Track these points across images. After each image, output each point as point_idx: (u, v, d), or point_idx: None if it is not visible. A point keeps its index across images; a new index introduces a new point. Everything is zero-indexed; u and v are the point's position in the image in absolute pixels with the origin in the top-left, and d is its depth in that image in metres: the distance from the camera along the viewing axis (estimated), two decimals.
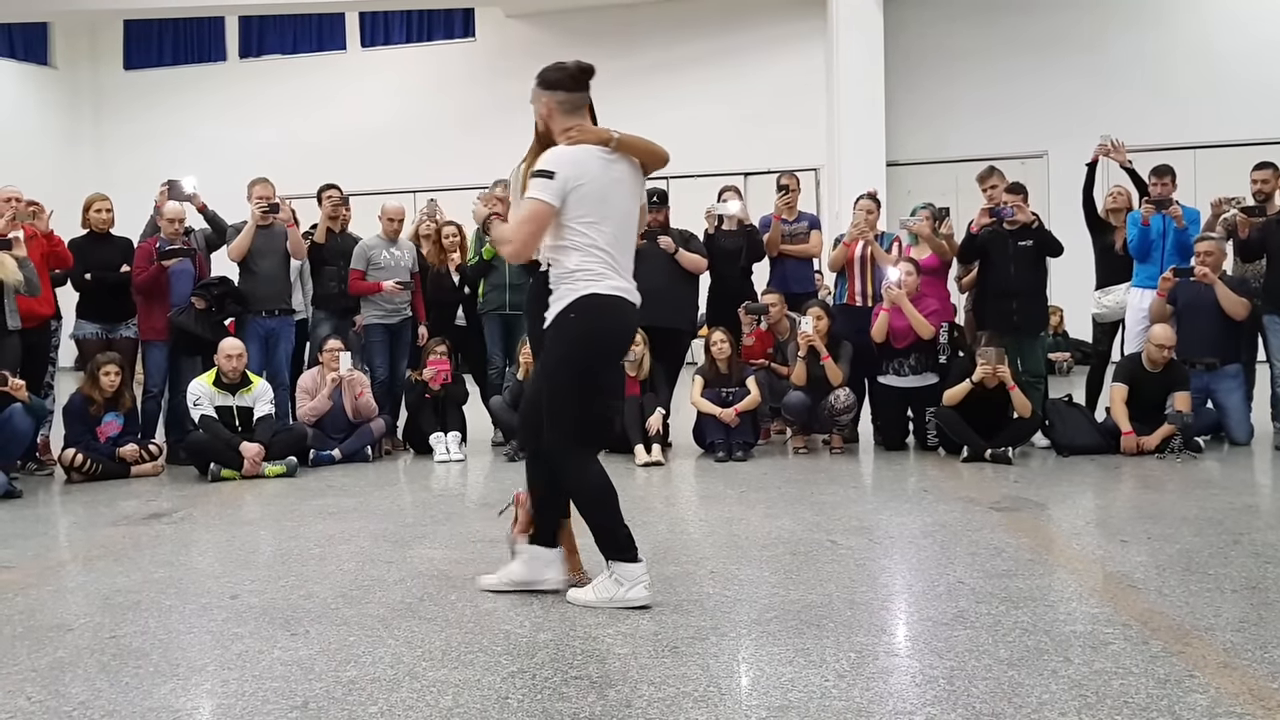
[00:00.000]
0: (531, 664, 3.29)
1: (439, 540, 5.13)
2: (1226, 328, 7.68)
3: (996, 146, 14.95)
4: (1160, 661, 3.20)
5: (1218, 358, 7.70)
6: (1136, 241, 7.96)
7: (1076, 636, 3.45)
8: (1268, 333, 7.62)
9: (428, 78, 18.50)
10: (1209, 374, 7.72)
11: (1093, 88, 15.43)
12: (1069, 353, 13.87)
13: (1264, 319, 7.62)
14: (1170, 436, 7.19)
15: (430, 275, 8.57)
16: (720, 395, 7.68)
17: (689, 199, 14.87)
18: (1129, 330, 8.11)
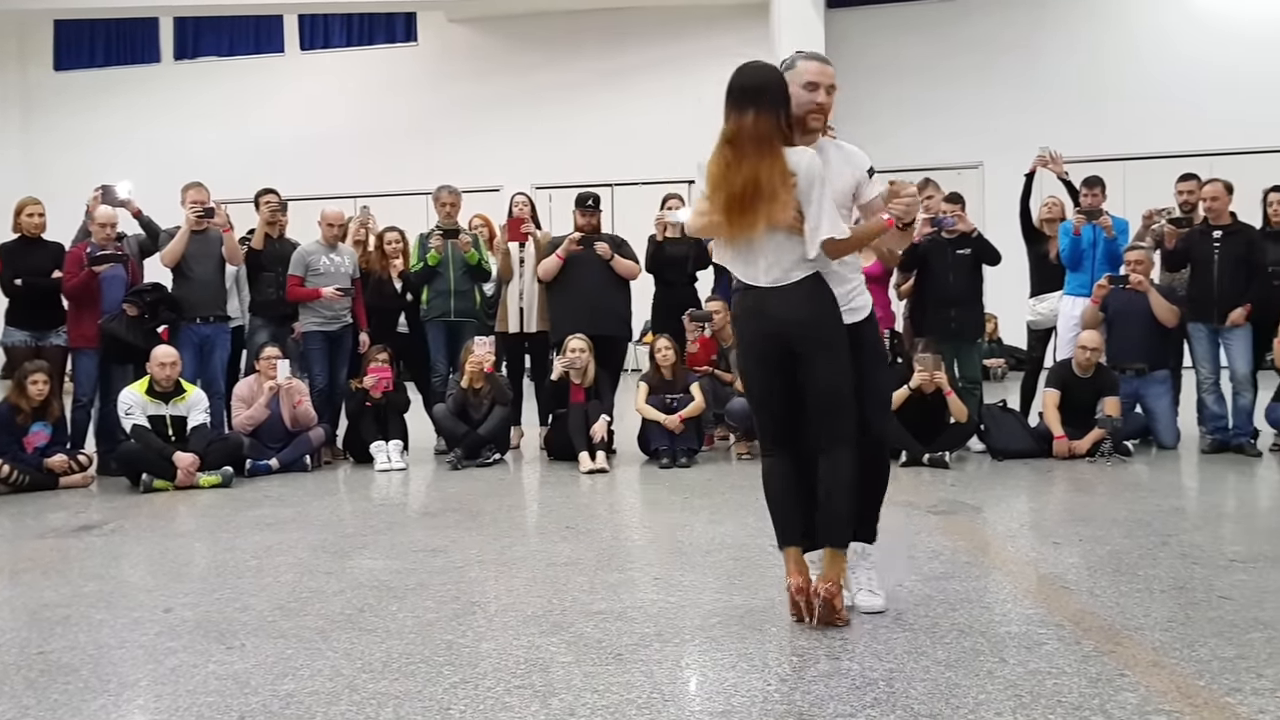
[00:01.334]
0: (474, 674, 3.29)
1: (380, 550, 5.09)
2: (1155, 335, 7.85)
3: (934, 157, 15.13)
4: (1092, 661, 3.27)
5: (1147, 364, 7.86)
6: (1068, 251, 8.14)
7: (1011, 637, 3.51)
8: (1193, 340, 7.79)
9: (368, 82, 18.35)
10: (1138, 379, 7.88)
11: (1027, 101, 15.66)
12: (1004, 359, 14.06)
13: (1189, 327, 7.79)
14: (1101, 440, 7.34)
15: (371, 281, 8.51)
16: (665, 402, 7.71)
17: (632, 206, 15.00)
18: (1061, 337, 8.26)
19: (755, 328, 3.76)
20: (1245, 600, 3.91)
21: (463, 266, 8.39)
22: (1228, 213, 7.67)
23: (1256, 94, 15.10)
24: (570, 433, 7.56)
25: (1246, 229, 7.68)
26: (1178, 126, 15.15)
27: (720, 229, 3.71)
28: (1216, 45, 15.51)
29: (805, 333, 3.66)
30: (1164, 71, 15.61)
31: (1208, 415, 7.75)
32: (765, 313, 3.71)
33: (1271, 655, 3.29)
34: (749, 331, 3.81)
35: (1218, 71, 15.38)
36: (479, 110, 17.57)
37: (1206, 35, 15.61)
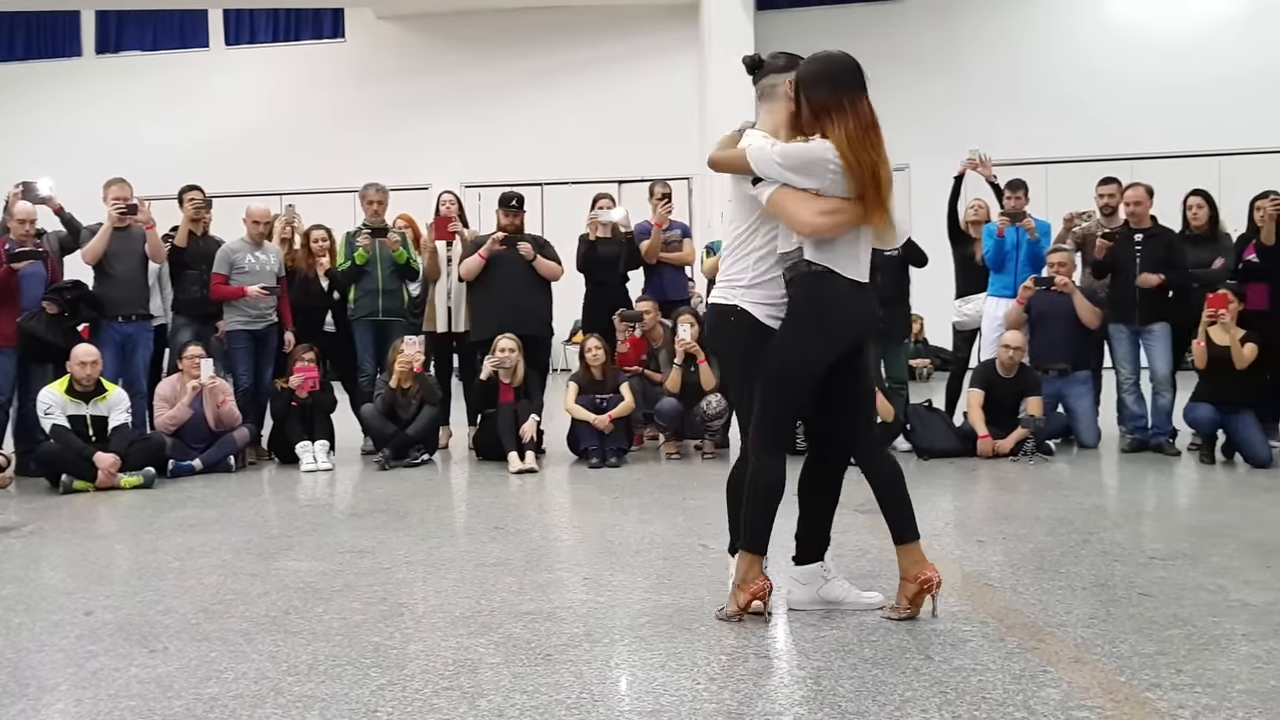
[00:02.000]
0: (401, 676, 3.26)
1: (305, 552, 5.04)
2: (1078, 335, 8.00)
3: None
4: (1016, 658, 3.32)
5: (1069, 364, 8.01)
6: (992, 252, 8.26)
7: (937, 635, 3.55)
8: (1114, 341, 7.95)
9: (295, 78, 18.13)
10: (1060, 380, 8.02)
11: (951, 105, 15.88)
12: (929, 359, 14.25)
13: (1110, 328, 7.94)
14: (1024, 440, 7.46)
15: (297, 280, 8.41)
16: (595, 402, 7.71)
17: (562, 205, 14.98)
18: (985, 337, 8.38)
19: (851, 322, 3.69)
20: (1165, 597, 3.99)
21: (390, 265, 8.33)
22: (1148, 216, 7.83)
23: (1170, 101, 15.48)
24: (499, 433, 7.53)
25: (1166, 232, 7.84)
26: (1097, 131, 15.46)
27: (858, 220, 3.61)
28: (1131, 55, 15.89)
29: (876, 332, 3.70)
30: (1082, 78, 15.93)
31: (1128, 415, 7.91)
32: (866, 308, 3.73)
33: (1190, 651, 3.36)
34: (842, 325, 3.67)
35: (1133, 79, 15.73)
36: (407, 108, 17.45)
37: (1121, 45, 15.99)
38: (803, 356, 3.62)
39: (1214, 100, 15.40)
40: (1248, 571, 4.35)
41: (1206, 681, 3.09)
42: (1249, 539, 4.95)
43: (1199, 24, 15.85)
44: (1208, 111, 15.37)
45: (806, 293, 3.62)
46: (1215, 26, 15.79)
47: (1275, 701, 2.93)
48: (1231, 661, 3.26)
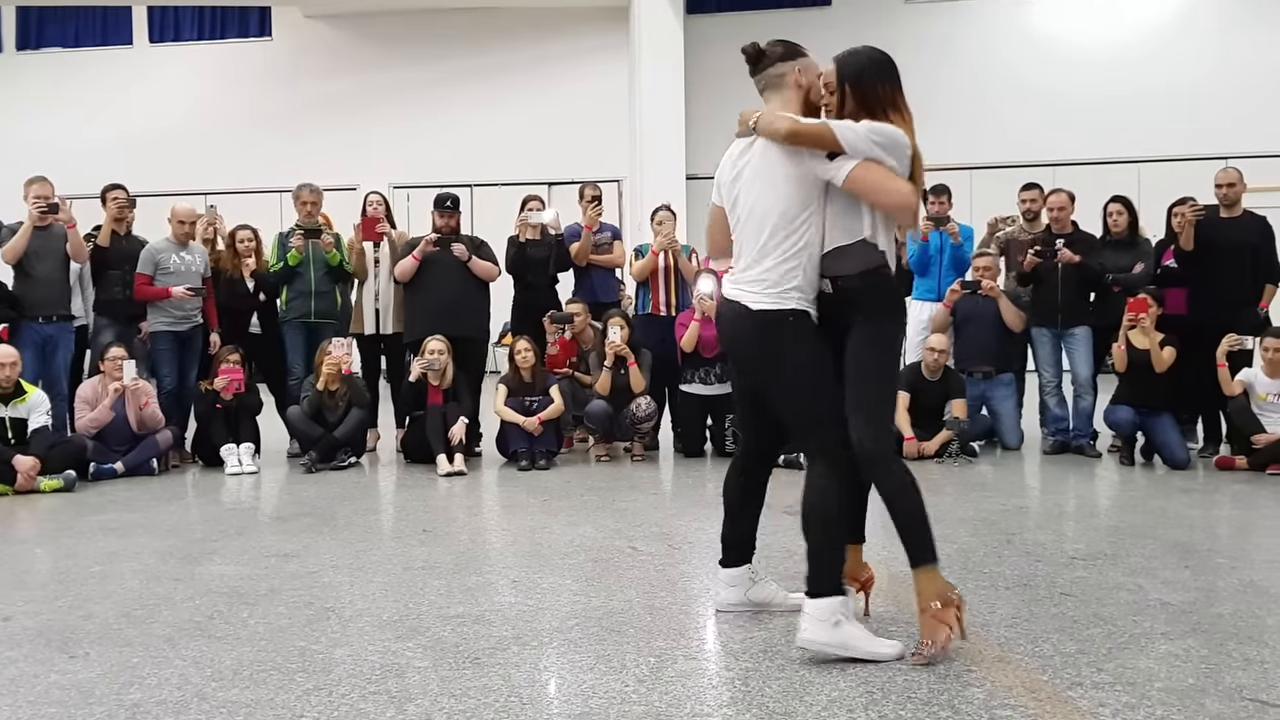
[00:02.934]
0: (328, 680, 3.23)
1: (230, 556, 4.97)
2: (1002, 338, 8.13)
3: None
4: (940, 657, 3.36)
5: (993, 367, 8.13)
6: (916, 257, 8.37)
7: None
8: (1036, 344, 8.08)
9: (221, 77, 17.86)
10: (985, 382, 8.14)
11: None
12: None
13: (1032, 331, 8.08)
14: (949, 442, 7.57)
15: (223, 281, 8.30)
16: (524, 404, 7.68)
17: (491, 207, 14.91)
18: (910, 341, 8.45)
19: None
20: (1086, 596, 4.06)
21: (324, 267, 8.25)
22: (1071, 222, 7.98)
23: (1091, 109, 15.80)
24: (428, 435, 7.48)
25: (1088, 238, 7.99)
26: (1020, 138, 15.74)
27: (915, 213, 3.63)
28: (1053, 63, 16.19)
29: None
30: (1006, 86, 16.20)
31: (1050, 417, 8.05)
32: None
33: (1111, 650, 3.43)
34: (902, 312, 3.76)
35: (1055, 87, 16.04)
36: (334, 108, 17.27)
37: (1043, 54, 16.28)
38: (895, 349, 3.63)
39: (1134, 109, 15.75)
40: (1166, 571, 4.44)
41: (1126, 680, 3.15)
42: (1168, 539, 5.06)
43: (1120, 34, 16.19)
44: (1128, 120, 15.71)
45: (892, 285, 3.53)
46: (1136, 36, 16.14)
47: (1193, 699, 3.00)
48: (1151, 660, 3.33)
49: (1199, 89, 15.70)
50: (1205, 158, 13.46)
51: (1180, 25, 16.07)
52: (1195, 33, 15.99)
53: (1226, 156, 12.22)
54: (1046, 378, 8.02)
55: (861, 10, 16.65)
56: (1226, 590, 4.14)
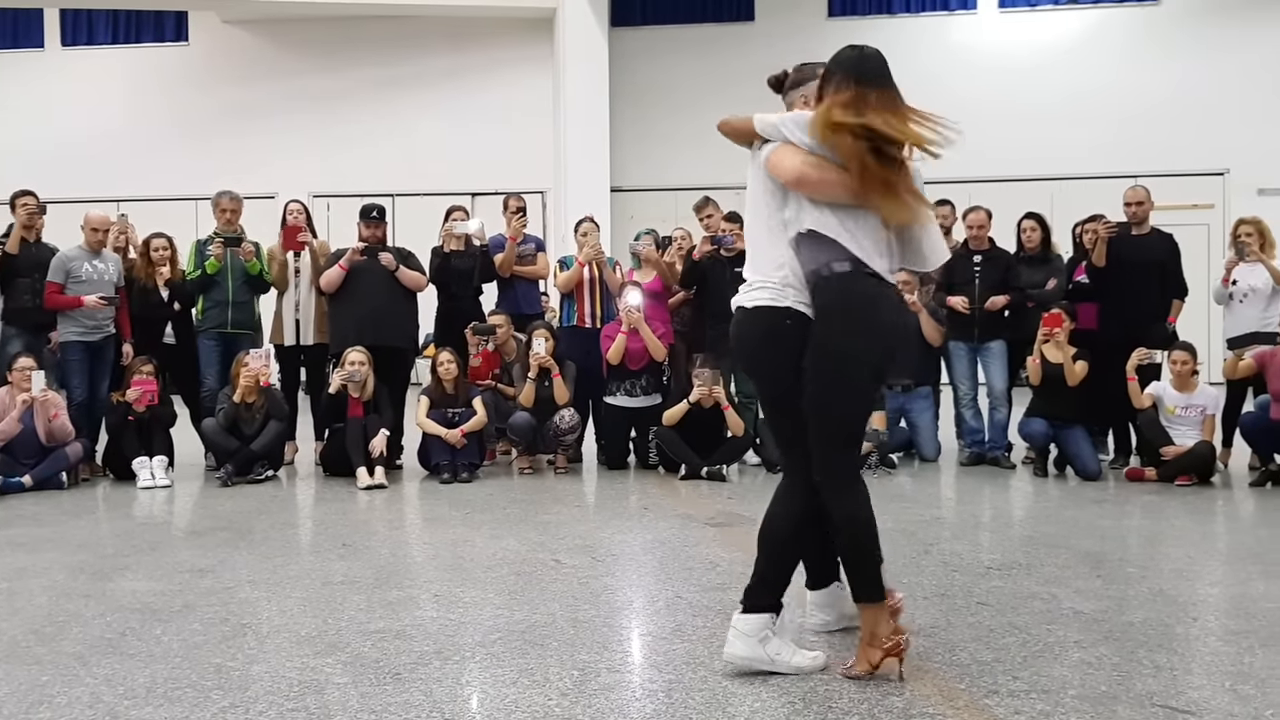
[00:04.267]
0: (244, 698, 3.17)
1: (142, 571, 4.86)
2: (921, 352, 8.24)
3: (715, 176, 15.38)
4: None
5: (912, 380, 8.24)
6: None
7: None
8: (952, 358, 8.22)
9: (136, 81, 17.54)
10: (903, 395, 8.25)
11: None
12: None
13: (949, 345, 8.21)
14: (868, 453, 7.63)
15: (136, 290, 8.14)
16: (446, 416, 7.63)
17: (414, 217, 14.81)
18: None
19: (890, 321, 3.38)
20: (1001, 606, 4.13)
21: (242, 276, 8.13)
22: (987, 238, 8.13)
23: (1006, 128, 16.11)
24: (347, 447, 7.40)
25: (1003, 253, 8.15)
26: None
27: (845, 193, 3.31)
28: (971, 80, 16.50)
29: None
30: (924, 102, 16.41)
31: (966, 429, 8.19)
32: (895, 308, 3.43)
33: (1026, 658, 3.49)
34: (891, 322, 3.39)
35: (972, 104, 16.27)
36: (253, 115, 17.06)
37: (962, 70, 16.59)
38: (874, 359, 3.36)
39: (1046, 128, 16.12)
40: (1079, 580, 4.54)
41: (1041, 688, 3.21)
42: (1080, 549, 5.17)
43: (1034, 55, 16.57)
44: (1041, 138, 16.06)
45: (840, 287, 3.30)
46: (1049, 57, 16.53)
47: (1106, 706, 3.06)
48: (1064, 668, 3.39)
49: (1109, 109, 16.13)
50: (1115, 176, 13.81)
51: (1092, 47, 16.50)
52: (1106, 55, 16.43)
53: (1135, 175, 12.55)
54: (963, 391, 8.15)
55: (784, 25, 16.85)
56: (1137, 599, 4.23)
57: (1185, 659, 3.50)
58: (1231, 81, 15.97)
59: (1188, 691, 3.18)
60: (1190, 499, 6.63)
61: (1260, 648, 3.59)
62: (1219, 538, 5.72)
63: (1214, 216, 15.47)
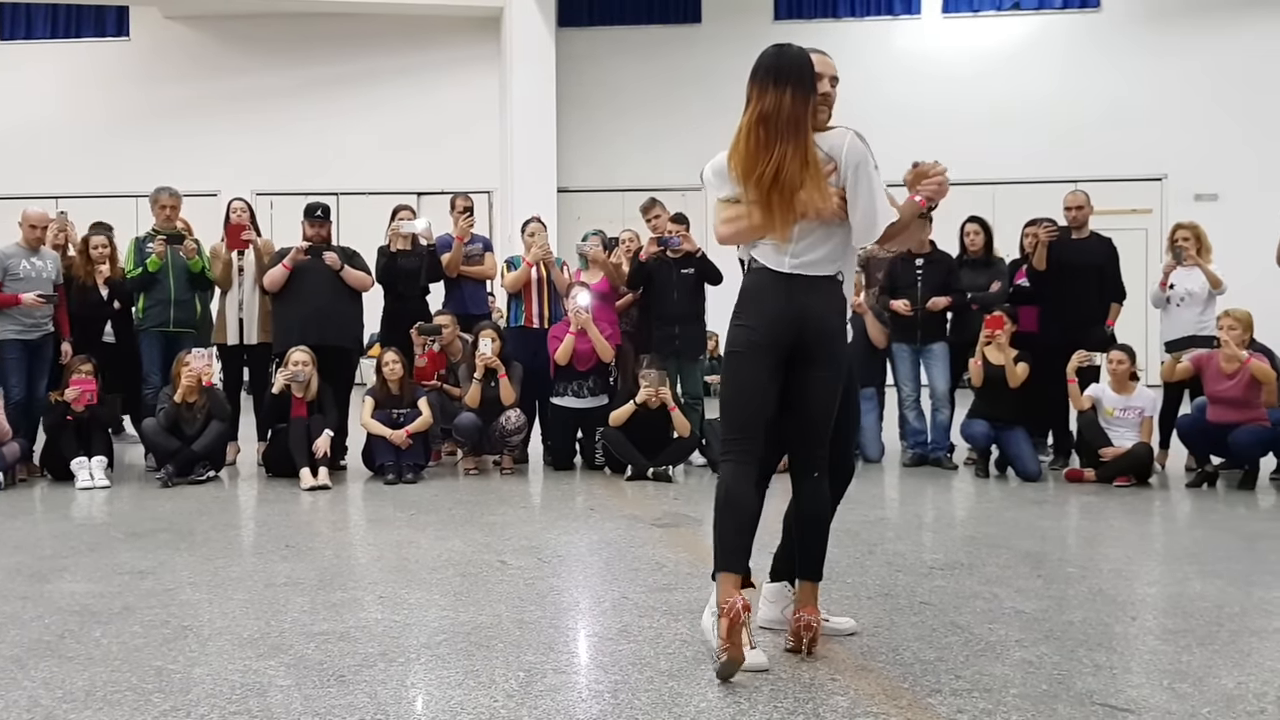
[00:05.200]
0: (186, 701, 3.14)
1: (81, 573, 4.79)
2: (866, 354, 8.30)
3: (661, 178, 15.47)
4: (805, 667, 3.42)
5: (857, 382, 8.28)
6: None
7: None
8: (896, 360, 8.29)
9: (76, 77, 17.21)
10: None
11: None
12: None
13: (892, 347, 8.27)
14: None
15: (76, 288, 8.01)
16: (391, 416, 7.58)
17: (361, 216, 14.69)
18: None
19: (770, 312, 3.45)
20: (944, 605, 4.18)
21: (184, 274, 8.02)
22: (929, 242, 8.21)
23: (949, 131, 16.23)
24: (291, 448, 7.33)
25: (945, 257, 8.24)
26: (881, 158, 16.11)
27: (760, 228, 3.44)
28: (914, 85, 16.67)
29: (818, 336, 3.44)
30: (869, 106, 16.49)
31: (909, 430, 8.26)
32: (785, 299, 3.43)
33: (969, 657, 3.53)
34: (760, 315, 3.47)
35: (915, 109, 16.49)
36: (196, 111, 16.80)
37: (905, 75, 16.74)
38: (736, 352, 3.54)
39: (990, 131, 16.28)
40: (1020, 580, 4.60)
41: (983, 687, 3.25)
42: (1021, 549, 5.24)
43: (977, 60, 16.74)
44: (984, 142, 16.22)
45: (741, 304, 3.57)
46: (992, 63, 16.70)
47: (1046, 704, 3.10)
48: (1006, 666, 3.44)
49: (1050, 114, 16.32)
50: (1056, 180, 14.02)
51: (1035, 53, 16.70)
52: (1048, 60, 16.63)
53: (1075, 180, 12.75)
54: (906, 392, 8.23)
55: (731, 28, 16.89)
56: (1077, 598, 4.30)
57: (1124, 657, 3.56)
58: (1170, 88, 16.23)
59: (1127, 690, 3.24)
60: (1128, 500, 6.74)
61: (1197, 646, 3.66)
62: (1157, 538, 5.83)
63: (1152, 221, 15.72)
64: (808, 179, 3.39)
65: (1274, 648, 3.67)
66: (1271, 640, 3.76)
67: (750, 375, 3.47)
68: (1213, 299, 7.85)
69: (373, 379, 7.97)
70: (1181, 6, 16.41)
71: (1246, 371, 7.03)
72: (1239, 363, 7.05)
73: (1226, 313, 7.30)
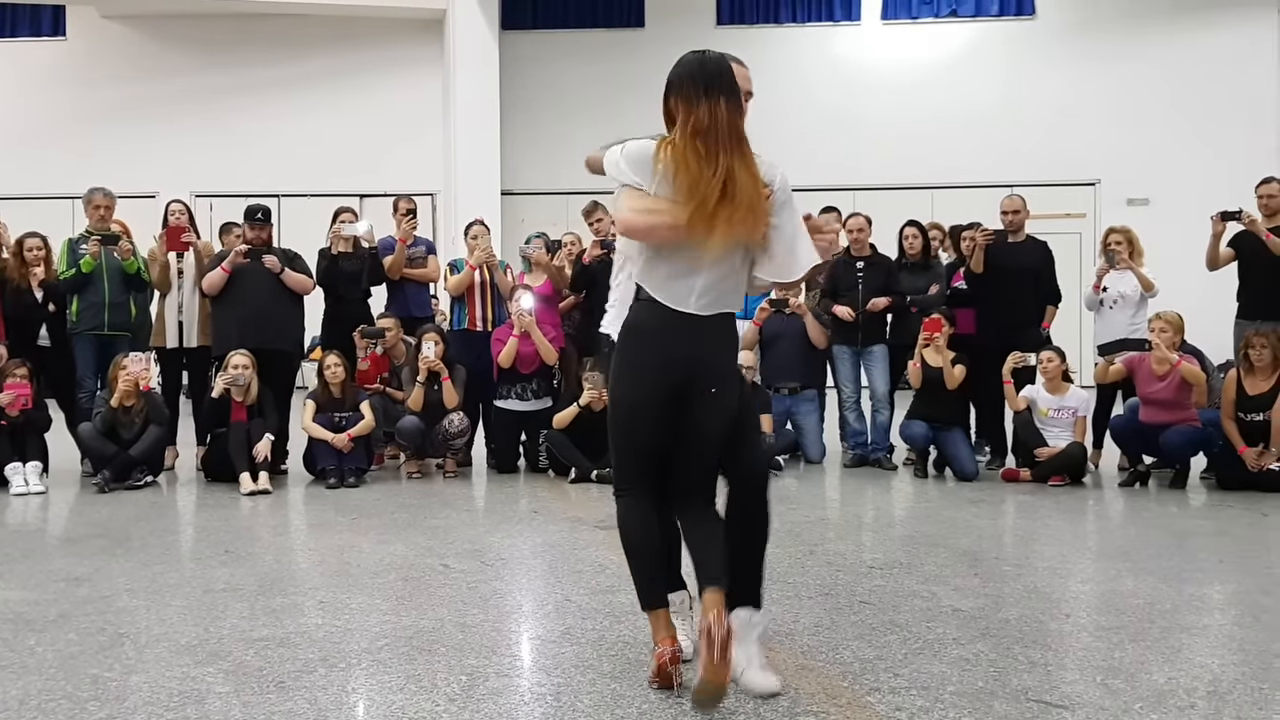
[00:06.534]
0: (122, 709, 3.11)
1: (15, 580, 4.72)
2: (807, 355, 8.37)
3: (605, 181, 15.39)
4: None
5: (799, 383, 8.36)
6: None
7: None
8: (837, 362, 8.36)
9: (10, 77, 16.87)
10: (790, 398, 8.37)
11: None
12: None
13: (833, 349, 8.34)
14: None
15: (9, 290, 7.87)
16: (333, 420, 7.53)
17: (302, 218, 14.57)
18: None
19: (662, 357, 3.17)
20: (883, 604, 4.23)
21: (119, 276, 7.91)
22: (869, 245, 8.29)
23: (888, 137, 16.49)
24: (230, 452, 7.25)
25: (885, 260, 8.33)
26: (822, 163, 16.25)
27: (684, 234, 3.09)
28: (853, 92, 16.87)
29: (714, 375, 3.20)
30: (809, 113, 16.70)
31: (850, 431, 8.34)
32: (681, 343, 3.15)
33: (907, 655, 3.58)
34: (650, 358, 3.18)
35: (855, 115, 16.68)
36: (133, 112, 16.56)
37: (843, 83, 16.93)
38: (624, 390, 3.27)
39: (928, 137, 16.47)
40: (957, 579, 4.67)
41: (921, 684, 3.30)
42: (958, 548, 5.31)
43: (917, 65, 16.92)
44: (922, 147, 16.41)
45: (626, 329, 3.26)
46: (931, 70, 16.88)
47: (982, 701, 3.16)
48: (943, 664, 3.49)
49: (987, 120, 16.54)
50: (992, 185, 14.20)
51: (972, 59, 16.92)
52: (985, 67, 16.85)
53: (1011, 185, 12.92)
54: (846, 394, 8.30)
55: (673, 32, 16.91)
56: (1012, 596, 4.37)
57: (1059, 654, 3.62)
58: (1103, 94, 16.50)
59: (1061, 686, 3.30)
60: (1063, 499, 6.85)
61: (1130, 642, 3.73)
62: (1090, 536, 5.94)
63: (1085, 225, 16.00)
64: (757, 200, 3.13)
65: (1204, 643, 3.75)
66: (1202, 636, 3.84)
67: (644, 418, 3.21)
68: (1145, 302, 7.98)
69: (314, 382, 7.91)
70: (1114, 14, 16.70)
71: (1177, 373, 7.16)
72: (1170, 365, 7.18)
73: (1158, 315, 7.45)
